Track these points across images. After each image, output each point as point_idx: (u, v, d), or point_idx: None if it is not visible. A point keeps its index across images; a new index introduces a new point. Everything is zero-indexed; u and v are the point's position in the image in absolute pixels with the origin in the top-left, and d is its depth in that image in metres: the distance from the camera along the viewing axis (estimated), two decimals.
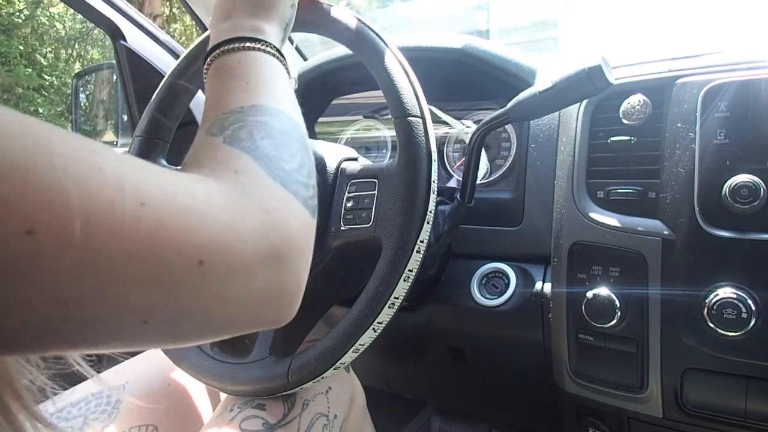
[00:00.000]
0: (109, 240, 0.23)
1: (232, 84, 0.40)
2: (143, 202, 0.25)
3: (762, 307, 0.53)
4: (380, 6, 4.88)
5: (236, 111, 0.36)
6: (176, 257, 0.25)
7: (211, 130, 0.35)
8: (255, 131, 0.35)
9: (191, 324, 0.28)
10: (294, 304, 0.33)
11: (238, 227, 0.28)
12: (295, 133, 0.38)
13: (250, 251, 0.29)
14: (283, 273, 0.31)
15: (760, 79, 0.55)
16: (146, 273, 0.25)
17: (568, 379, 0.68)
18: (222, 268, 0.27)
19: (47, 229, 0.21)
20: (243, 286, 0.29)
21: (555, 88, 0.56)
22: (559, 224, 0.67)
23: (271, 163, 0.33)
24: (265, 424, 0.55)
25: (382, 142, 0.97)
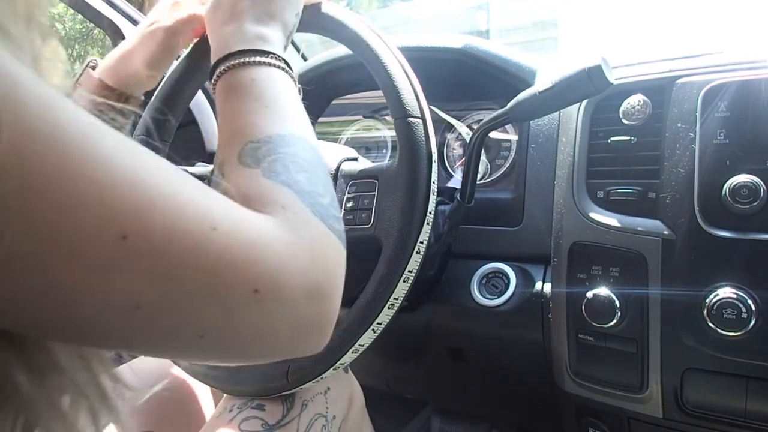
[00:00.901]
0: (183, 255, 0.26)
1: (250, 106, 0.40)
2: (215, 228, 0.27)
3: (762, 307, 0.53)
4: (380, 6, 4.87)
5: (265, 141, 0.37)
6: (236, 282, 0.28)
7: (245, 161, 0.36)
8: (290, 165, 0.36)
9: (238, 345, 0.30)
10: (327, 335, 0.35)
11: (290, 262, 0.30)
12: (320, 162, 0.40)
13: (298, 286, 0.30)
14: (322, 307, 0.33)
15: (760, 79, 0.55)
16: (209, 291, 0.27)
17: (568, 379, 0.68)
18: (273, 298, 0.29)
19: (137, 237, 0.24)
20: (288, 317, 0.31)
21: (555, 88, 0.56)
22: (559, 224, 0.67)
23: (311, 198, 0.35)
24: (264, 424, 0.55)
25: (382, 142, 0.97)
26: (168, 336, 0.27)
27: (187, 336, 0.28)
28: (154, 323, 0.26)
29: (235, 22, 0.46)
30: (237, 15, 0.47)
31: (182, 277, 0.26)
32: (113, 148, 0.24)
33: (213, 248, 0.27)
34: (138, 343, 0.27)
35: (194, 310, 0.27)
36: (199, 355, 0.30)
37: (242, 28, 0.46)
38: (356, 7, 3.49)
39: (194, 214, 0.27)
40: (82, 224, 0.22)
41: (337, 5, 0.59)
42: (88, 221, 0.22)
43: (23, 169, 0.21)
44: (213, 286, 0.27)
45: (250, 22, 0.46)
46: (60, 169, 0.22)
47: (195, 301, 0.26)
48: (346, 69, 0.87)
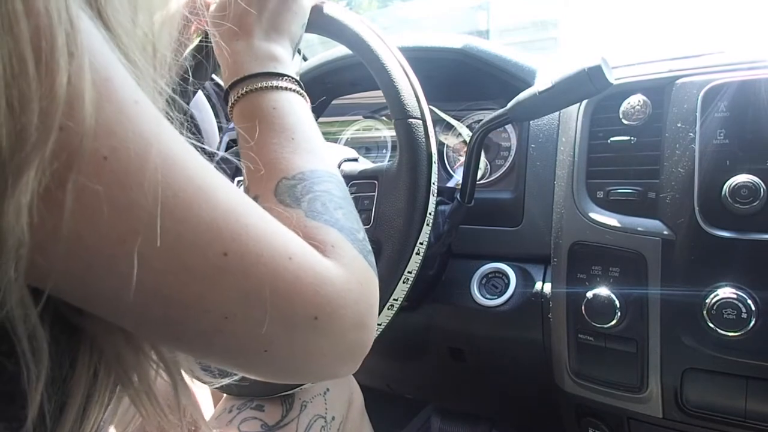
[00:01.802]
0: (266, 276, 0.29)
1: (277, 138, 0.42)
2: (291, 257, 0.31)
3: (762, 307, 0.53)
4: (380, 6, 4.86)
5: (299, 178, 0.39)
6: (301, 308, 0.31)
7: (284, 199, 0.38)
8: (328, 203, 0.39)
9: (292, 364, 0.34)
10: (360, 361, 0.38)
11: (345, 296, 0.34)
12: (349, 197, 0.42)
13: (348, 317, 0.34)
14: (363, 337, 0.36)
15: (760, 79, 0.55)
16: (279, 312, 0.30)
17: (568, 379, 0.68)
18: (328, 327, 0.32)
19: (235, 255, 0.28)
20: (336, 344, 0.34)
21: (555, 89, 0.56)
22: (559, 224, 0.67)
23: (351, 235, 0.38)
24: (264, 425, 0.55)
25: (382, 143, 0.97)
26: (242, 347, 0.31)
27: (256, 349, 0.31)
28: (234, 334, 0.29)
29: (245, 37, 0.46)
30: (245, 30, 0.46)
31: (261, 295, 0.29)
32: (220, 182, 0.29)
33: (287, 274, 0.30)
34: (217, 351, 0.31)
35: (264, 326, 0.30)
36: (260, 367, 0.34)
37: (253, 46, 0.46)
38: (356, 7, 3.49)
39: (276, 242, 0.30)
40: (194, 239, 0.26)
41: (337, 5, 0.59)
42: (200, 237, 0.27)
43: (158, 188, 0.25)
44: (282, 308, 0.30)
45: (260, 38, 0.46)
46: (184, 192, 0.26)
47: (267, 319, 0.30)
48: (346, 69, 0.87)
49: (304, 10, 0.52)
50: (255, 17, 0.47)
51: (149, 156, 0.25)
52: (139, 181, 0.24)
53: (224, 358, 0.32)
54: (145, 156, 0.24)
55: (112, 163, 0.23)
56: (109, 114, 0.23)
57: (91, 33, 0.24)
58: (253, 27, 0.46)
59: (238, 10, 0.47)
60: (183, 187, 0.26)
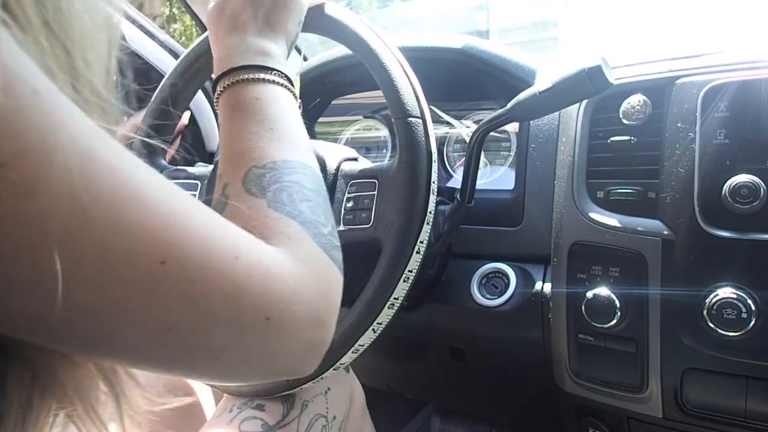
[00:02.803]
0: (211, 281, 0.27)
1: (255, 128, 0.41)
2: (238, 256, 0.29)
3: (762, 307, 0.53)
4: (380, 6, 4.87)
5: (270, 167, 0.38)
6: (251, 309, 0.29)
7: (250, 188, 0.37)
8: (294, 194, 0.37)
9: (245, 367, 0.32)
10: (321, 357, 0.36)
11: (298, 292, 0.32)
12: (321, 190, 0.41)
13: (303, 315, 0.32)
14: (321, 334, 0.35)
15: (760, 79, 0.55)
16: (228, 316, 0.28)
17: (568, 379, 0.68)
18: (281, 326, 0.31)
19: (174, 262, 0.26)
20: (291, 344, 0.33)
21: (555, 88, 0.56)
22: (559, 224, 0.67)
23: (314, 229, 0.36)
24: (264, 425, 0.55)
25: (382, 142, 0.97)
26: (189, 357, 0.29)
27: (206, 357, 0.29)
28: (179, 344, 0.28)
29: (239, 33, 0.46)
30: (240, 26, 0.47)
31: (208, 301, 0.27)
32: (154, 184, 0.26)
33: (236, 276, 0.29)
34: (162, 362, 0.29)
35: (212, 332, 0.28)
36: (212, 374, 0.32)
37: (245, 41, 0.46)
38: (356, 7, 3.49)
39: (221, 243, 0.29)
40: (127, 248, 0.24)
41: (337, 5, 0.59)
42: (133, 245, 0.24)
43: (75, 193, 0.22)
44: (231, 311, 0.28)
45: (253, 34, 0.46)
46: (110, 196, 0.24)
47: (215, 325, 0.28)
48: (346, 69, 0.87)
49: (301, 8, 0.52)
50: (250, 14, 0.47)
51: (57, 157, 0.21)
52: (46, 189, 0.21)
53: (171, 369, 0.30)
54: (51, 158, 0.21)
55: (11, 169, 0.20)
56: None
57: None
58: (247, 23, 0.47)
59: (235, 7, 0.48)
60: (107, 190, 0.24)
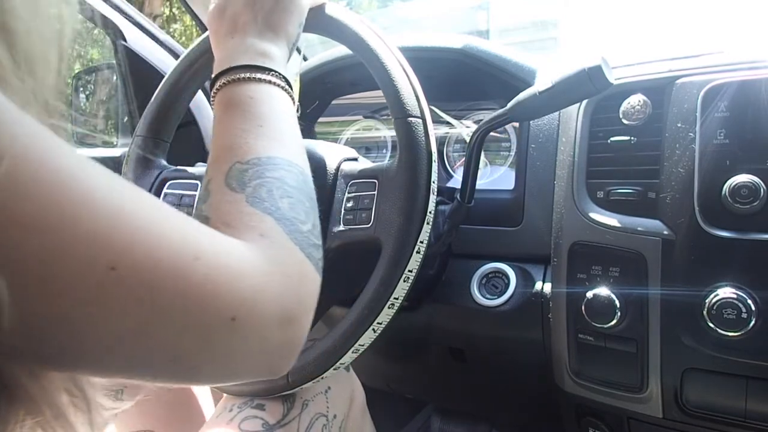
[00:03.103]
0: (167, 284, 0.26)
1: (245, 124, 0.41)
2: (197, 257, 0.28)
3: (762, 307, 0.53)
4: (380, 6, 4.87)
5: (254, 162, 0.38)
6: (215, 310, 0.28)
7: (230, 183, 0.37)
8: (274, 189, 0.37)
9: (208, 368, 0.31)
10: (294, 358, 0.35)
11: (265, 290, 0.31)
12: (307, 188, 0.40)
13: (271, 313, 0.31)
14: (292, 333, 0.33)
15: (760, 79, 0.55)
16: (188, 319, 0.27)
17: (568, 379, 0.68)
18: (247, 325, 0.30)
19: (125, 268, 0.24)
20: (260, 343, 0.31)
21: (555, 88, 0.56)
22: (559, 224, 0.67)
23: (291, 225, 0.35)
24: (265, 424, 0.55)
25: (382, 142, 0.97)
26: (149, 362, 0.28)
27: (162, 361, 0.28)
28: (134, 350, 0.26)
29: (239, 35, 0.47)
30: (241, 28, 0.47)
31: (165, 305, 0.26)
32: (101, 184, 0.25)
33: (195, 277, 0.27)
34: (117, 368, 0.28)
35: (172, 336, 0.27)
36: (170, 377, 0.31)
37: (245, 42, 0.46)
38: (356, 7, 3.49)
39: (179, 243, 0.27)
40: (73, 256, 0.23)
41: (337, 5, 0.59)
42: (79, 253, 0.23)
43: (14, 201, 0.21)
44: (193, 313, 0.27)
45: (254, 36, 0.47)
46: (50, 203, 0.22)
47: (174, 328, 0.27)
48: (346, 69, 0.87)
49: (302, 9, 0.52)
50: (251, 16, 0.47)
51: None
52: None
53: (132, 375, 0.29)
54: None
55: None
56: None
57: None
58: (248, 25, 0.47)
59: (236, 9, 0.48)
60: (47, 193, 0.22)
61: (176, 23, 8.14)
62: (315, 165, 0.60)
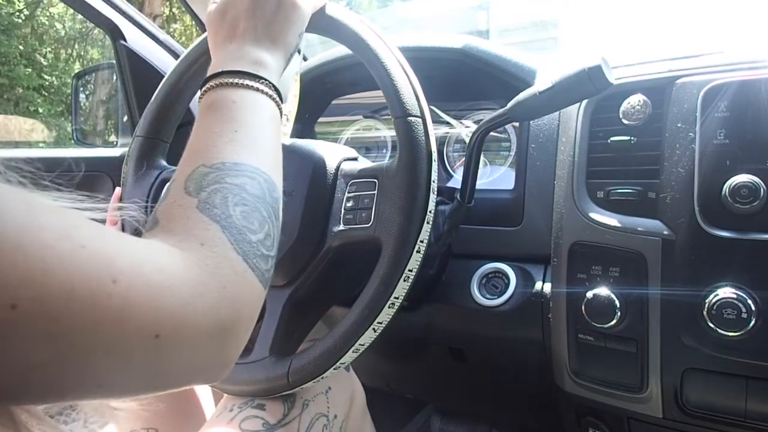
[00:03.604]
0: (81, 313, 0.25)
1: (220, 128, 0.40)
2: (115, 279, 0.26)
3: (762, 307, 0.53)
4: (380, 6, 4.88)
5: (217, 167, 0.37)
6: (136, 331, 0.27)
7: (188, 187, 0.36)
8: (230, 196, 0.36)
9: (135, 387, 0.30)
10: (227, 370, 0.35)
11: (195, 303, 0.30)
12: (269, 197, 0.39)
13: (202, 326, 0.30)
14: (225, 344, 0.33)
15: (760, 79, 0.55)
16: (108, 344, 0.26)
17: (568, 379, 0.68)
18: (174, 341, 0.29)
19: (29, 304, 0.23)
20: (189, 356, 0.31)
21: (555, 88, 0.56)
22: (559, 224, 0.67)
23: (239, 234, 0.35)
24: (265, 424, 0.55)
25: (382, 142, 0.98)
26: (66, 389, 0.27)
27: (86, 387, 0.27)
28: (53, 380, 0.26)
29: (237, 41, 0.46)
30: (239, 34, 0.47)
31: (81, 334, 0.25)
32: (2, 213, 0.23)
33: (113, 302, 0.26)
34: (36, 397, 0.27)
35: (92, 363, 0.26)
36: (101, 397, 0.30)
37: (242, 49, 0.46)
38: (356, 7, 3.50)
39: (95, 269, 0.26)
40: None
41: (337, 6, 0.59)
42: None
43: None
44: (113, 338, 0.26)
45: (251, 43, 0.46)
46: None
47: (94, 356, 0.26)
48: (346, 69, 0.87)
49: (303, 19, 0.52)
50: (251, 23, 0.47)
51: None
52: None
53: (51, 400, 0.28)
54: None
55: None
56: None
57: None
58: (247, 32, 0.47)
59: (237, 13, 0.48)
60: None
61: (176, 23, 8.14)
62: (315, 165, 0.60)
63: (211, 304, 0.31)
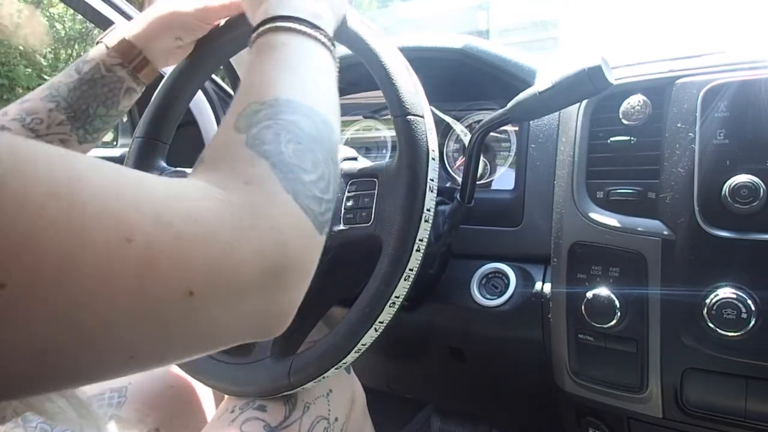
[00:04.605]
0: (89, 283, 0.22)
1: (273, 69, 0.37)
2: (129, 238, 0.23)
3: (762, 307, 0.53)
4: (380, 6, 4.88)
5: (269, 104, 0.34)
6: (164, 292, 0.24)
7: (238, 124, 0.33)
8: (282, 133, 0.33)
9: (177, 350, 0.27)
10: (284, 323, 0.32)
11: (236, 249, 0.27)
12: (326, 138, 0.36)
13: (246, 274, 0.27)
14: (277, 293, 0.29)
15: (760, 79, 0.55)
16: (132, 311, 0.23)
17: (568, 379, 0.68)
18: (212, 294, 0.26)
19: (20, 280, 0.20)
20: (234, 311, 0.28)
21: (555, 88, 0.56)
22: (559, 224, 0.67)
23: (290, 173, 0.31)
24: (266, 426, 0.55)
25: (382, 142, 0.97)
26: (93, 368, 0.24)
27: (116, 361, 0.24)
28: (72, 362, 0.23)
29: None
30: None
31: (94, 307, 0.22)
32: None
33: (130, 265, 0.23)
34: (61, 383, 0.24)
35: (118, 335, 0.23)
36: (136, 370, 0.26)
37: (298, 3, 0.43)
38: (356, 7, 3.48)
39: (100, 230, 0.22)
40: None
41: None
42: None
43: None
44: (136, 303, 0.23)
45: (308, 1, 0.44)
46: None
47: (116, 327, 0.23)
48: (346, 69, 0.86)
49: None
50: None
51: None
52: None
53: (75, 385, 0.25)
54: None
55: None
56: None
57: None
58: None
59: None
60: None
61: None
62: None
63: (256, 248, 0.27)
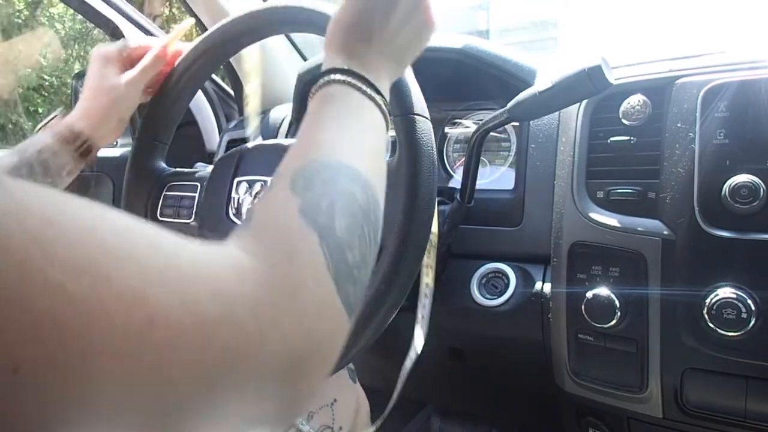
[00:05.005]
0: (107, 366, 0.20)
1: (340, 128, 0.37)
2: (152, 320, 0.21)
3: (762, 307, 0.53)
4: None
5: (330, 166, 0.33)
6: (182, 376, 0.22)
7: (295, 184, 0.31)
8: (338, 205, 0.31)
9: None
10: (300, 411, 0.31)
11: (262, 332, 0.24)
12: (372, 215, 0.34)
13: (268, 361, 0.25)
14: (297, 380, 0.27)
15: (760, 79, 0.55)
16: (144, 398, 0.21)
17: (568, 379, 0.68)
18: (229, 382, 0.23)
19: (35, 365, 0.18)
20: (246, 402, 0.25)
21: (555, 88, 0.56)
22: (559, 224, 0.67)
23: (336, 252, 0.29)
24: None
25: None
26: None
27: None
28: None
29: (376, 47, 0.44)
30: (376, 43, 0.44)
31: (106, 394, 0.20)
32: None
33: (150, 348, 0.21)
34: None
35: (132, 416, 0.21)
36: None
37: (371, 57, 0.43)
38: None
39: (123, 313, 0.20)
40: None
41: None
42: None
43: None
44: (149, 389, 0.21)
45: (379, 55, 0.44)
46: None
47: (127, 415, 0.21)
48: None
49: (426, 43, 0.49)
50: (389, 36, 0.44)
51: None
52: None
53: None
54: None
55: None
56: None
57: None
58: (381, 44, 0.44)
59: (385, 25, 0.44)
60: None
61: (176, 23, 8.10)
62: None
63: (284, 333, 0.25)
